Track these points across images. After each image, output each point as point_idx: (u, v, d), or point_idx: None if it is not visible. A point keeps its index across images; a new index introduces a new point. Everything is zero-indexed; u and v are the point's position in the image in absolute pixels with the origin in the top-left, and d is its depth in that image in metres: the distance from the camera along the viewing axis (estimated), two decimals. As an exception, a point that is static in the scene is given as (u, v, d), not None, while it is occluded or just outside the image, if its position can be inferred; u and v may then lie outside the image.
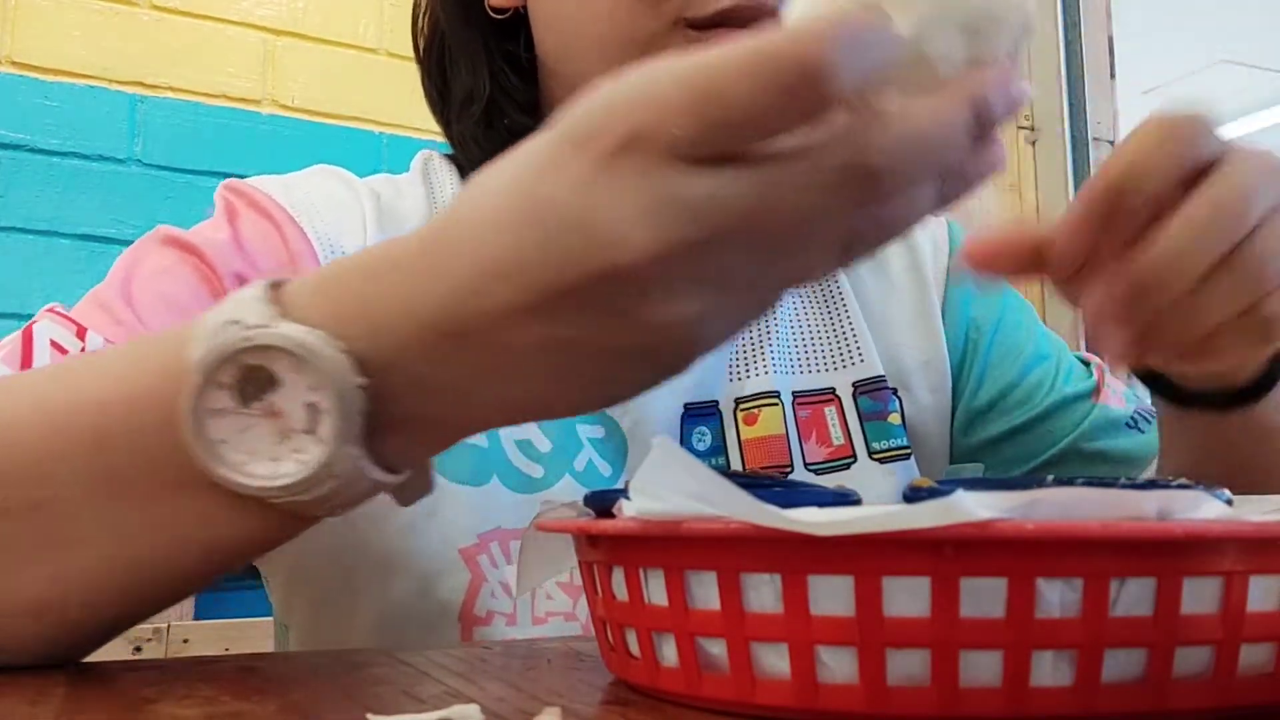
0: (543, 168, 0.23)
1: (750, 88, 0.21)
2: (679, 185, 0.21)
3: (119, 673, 0.30)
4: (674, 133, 0.21)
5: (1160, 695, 0.20)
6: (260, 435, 0.26)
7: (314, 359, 0.25)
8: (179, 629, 1.10)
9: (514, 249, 0.23)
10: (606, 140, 0.22)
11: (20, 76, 1.24)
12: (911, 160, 0.22)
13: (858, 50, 0.21)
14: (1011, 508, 0.20)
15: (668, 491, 0.22)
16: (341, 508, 0.27)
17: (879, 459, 0.50)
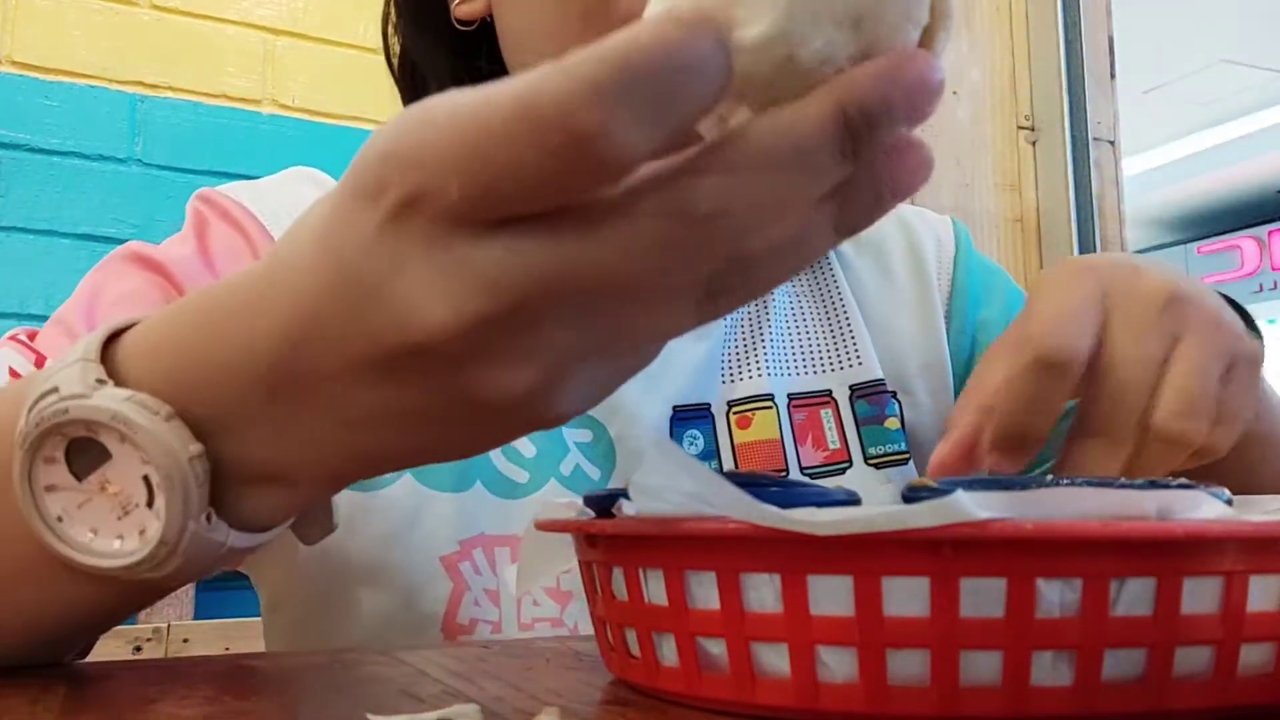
0: (336, 221, 0.20)
1: (517, 153, 0.17)
2: (468, 252, 0.19)
3: (120, 672, 0.30)
4: (452, 196, 0.18)
5: (1160, 695, 0.20)
6: (100, 510, 0.24)
7: (135, 432, 0.23)
8: (179, 629, 1.10)
9: (322, 314, 0.21)
10: (389, 198, 0.19)
11: (20, 76, 1.24)
12: (751, 196, 0.18)
13: (659, 91, 0.17)
14: (1011, 508, 0.20)
15: (667, 491, 0.22)
16: (202, 575, 0.26)
17: (875, 464, 0.49)
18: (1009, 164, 1.65)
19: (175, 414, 0.23)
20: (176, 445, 0.23)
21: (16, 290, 1.22)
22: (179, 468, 0.23)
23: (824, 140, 0.18)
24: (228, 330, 0.23)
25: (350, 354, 0.21)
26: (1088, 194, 1.60)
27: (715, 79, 0.17)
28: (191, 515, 0.24)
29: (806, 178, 0.19)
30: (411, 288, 0.19)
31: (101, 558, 0.25)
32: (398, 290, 0.20)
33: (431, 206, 0.19)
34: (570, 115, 0.17)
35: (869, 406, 0.50)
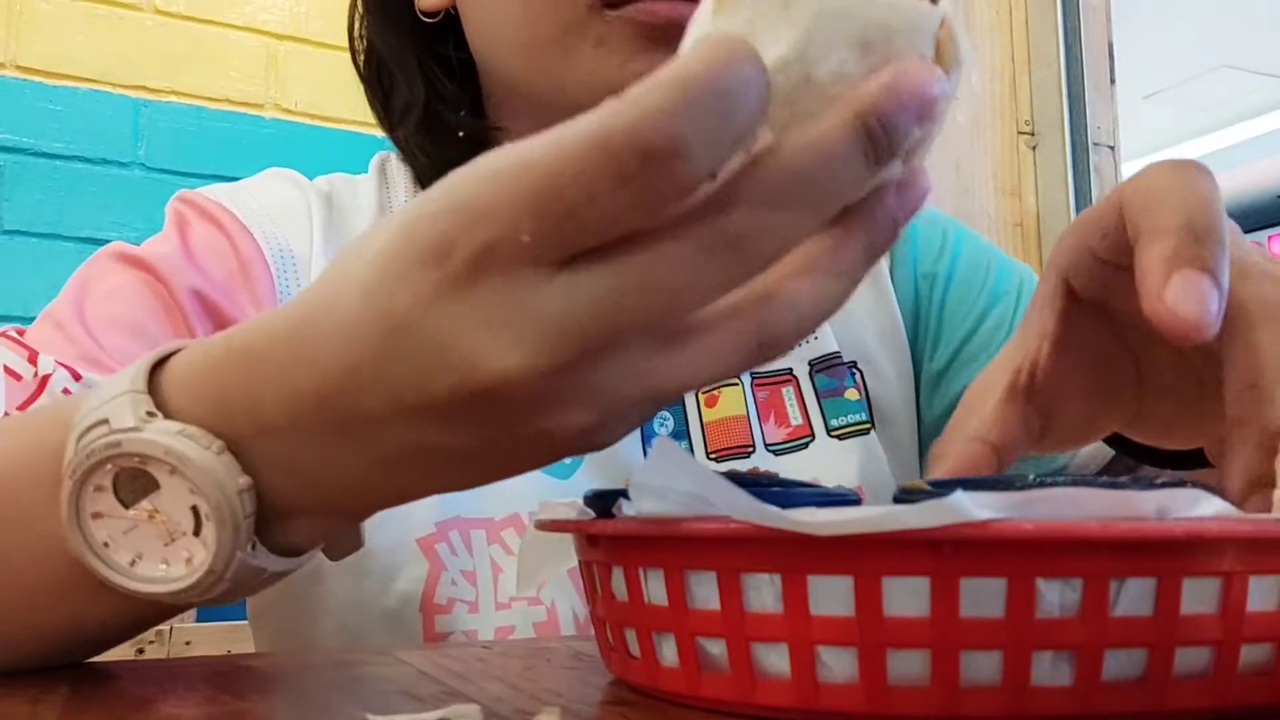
0: (395, 280, 0.21)
1: (591, 186, 0.18)
2: (537, 298, 0.19)
3: (121, 673, 0.30)
4: (523, 240, 0.19)
5: (1160, 695, 0.20)
6: (146, 536, 0.25)
7: (187, 466, 0.24)
8: (181, 631, 1.10)
9: (373, 364, 0.21)
10: (457, 259, 0.20)
11: (24, 80, 1.25)
12: (787, 207, 0.19)
13: (718, 111, 0.18)
14: (1011, 507, 0.20)
15: (667, 491, 0.22)
16: (241, 597, 0.27)
17: (837, 435, 0.50)
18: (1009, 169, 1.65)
19: (226, 449, 0.24)
20: (227, 479, 0.24)
21: (20, 293, 1.22)
22: (229, 501, 0.24)
23: (850, 148, 0.19)
24: (266, 373, 0.24)
25: (399, 398, 0.21)
26: (1088, 199, 1.60)
27: (760, 96, 0.19)
28: (240, 545, 0.24)
29: (839, 185, 0.20)
30: (479, 340, 0.20)
31: (148, 583, 0.25)
32: (461, 343, 0.20)
33: (502, 257, 0.19)
34: (645, 138, 0.18)
35: (828, 379, 0.51)
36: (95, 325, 0.41)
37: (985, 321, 0.51)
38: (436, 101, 0.50)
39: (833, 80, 0.19)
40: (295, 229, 0.48)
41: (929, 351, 0.52)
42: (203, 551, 0.25)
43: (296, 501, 0.25)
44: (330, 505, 0.26)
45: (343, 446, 0.23)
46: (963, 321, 0.52)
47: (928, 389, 0.52)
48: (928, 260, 0.53)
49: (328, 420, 0.23)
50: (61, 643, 0.29)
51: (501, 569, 0.44)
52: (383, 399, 0.22)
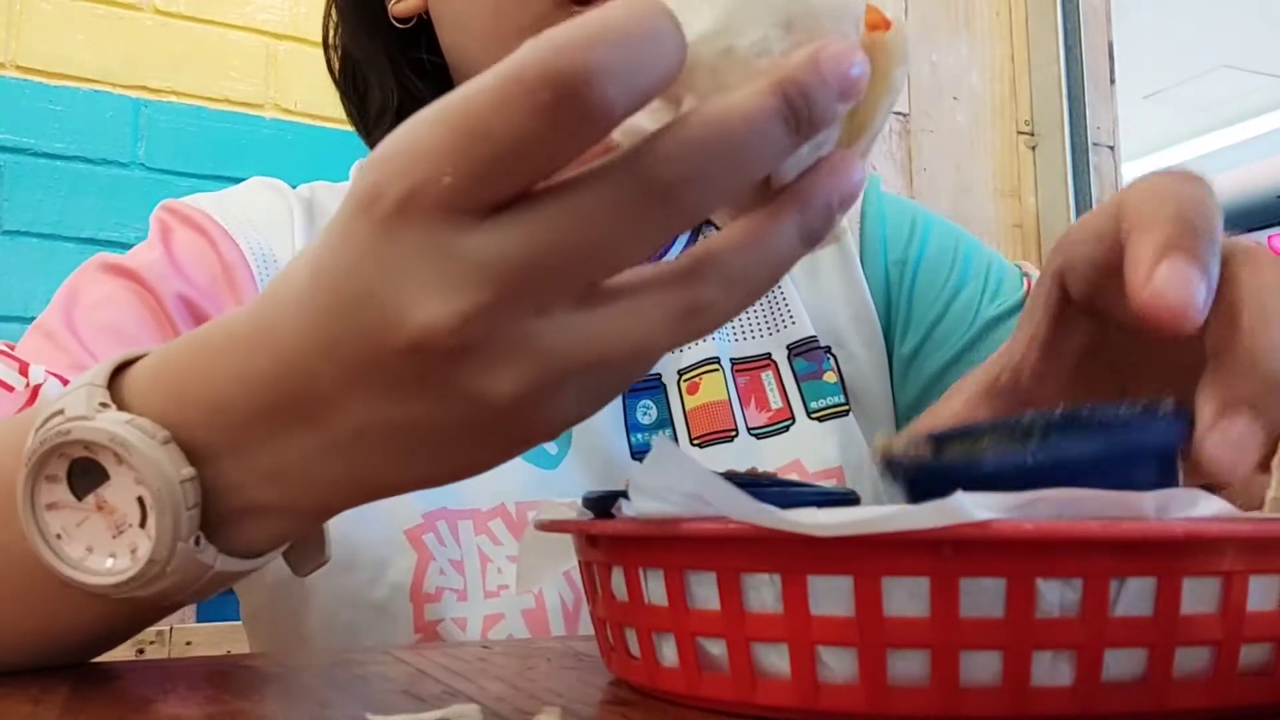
0: (336, 236, 0.21)
1: (509, 116, 0.18)
2: (461, 244, 0.19)
3: (122, 672, 0.30)
4: (445, 182, 0.19)
5: (1160, 695, 0.20)
6: (96, 529, 0.25)
7: (130, 453, 0.24)
8: (181, 631, 1.10)
9: (322, 326, 0.22)
10: (385, 203, 0.20)
11: (24, 80, 1.25)
12: (708, 164, 0.19)
13: (629, 51, 0.18)
14: (1011, 507, 0.20)
15: (667, 491, 0.22)
16: (195, 597, 0.27)
17: (817, 418, 0.50)
18: (1009, 169, 1.65)
19: (171, 439, 0.24)
20: (169, 468, 0.24)
21: (20, 294, 1.22)
22: (171, 489, 0.24)
23: (770, 113, 0.20)
24: (222, 362, 0.24)
25: (346, 363, 0.21)
26: (1088, 199, 1.60)
27: (675, 51, 0.19)
28: (181, 537, 0.24)
29: (760, 148, 0.20)
30: (405, 286, 0.20)
31: (93, 575, 0.25)
32: (391, 290, 0.20)
33: (426, 200, 0.19)
34: (556, 68, 0.18)
35: (806, 363, 0.51)
36: (85, 334, 0.42)
37: (954, 304, 0.52)
38: (410, 104, 0.51)
39: (756, 55, 0.20)
40: (277, 234, 0.49)
41: (900, 336, 0.53)
42: (146, 542, 0.25)
43: (252, 498, 0.25)
44: (286, 502, 0.25)
45: (296, 431, 0.23)
46: (931, 305, 0.52)
47: (900, 373, 0.53)
48: (897, 247, 0.54)
49: (281, 403, 0.23)
50: (45, 644, 0.30)
51: (489, 559, 0.45)
52: (332, 369, 0.22)
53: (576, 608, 0.45)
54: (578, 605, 0.45)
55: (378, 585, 0.43)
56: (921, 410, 0.52)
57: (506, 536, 0.45)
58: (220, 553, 0.26)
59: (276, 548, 0.28)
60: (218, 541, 0.25)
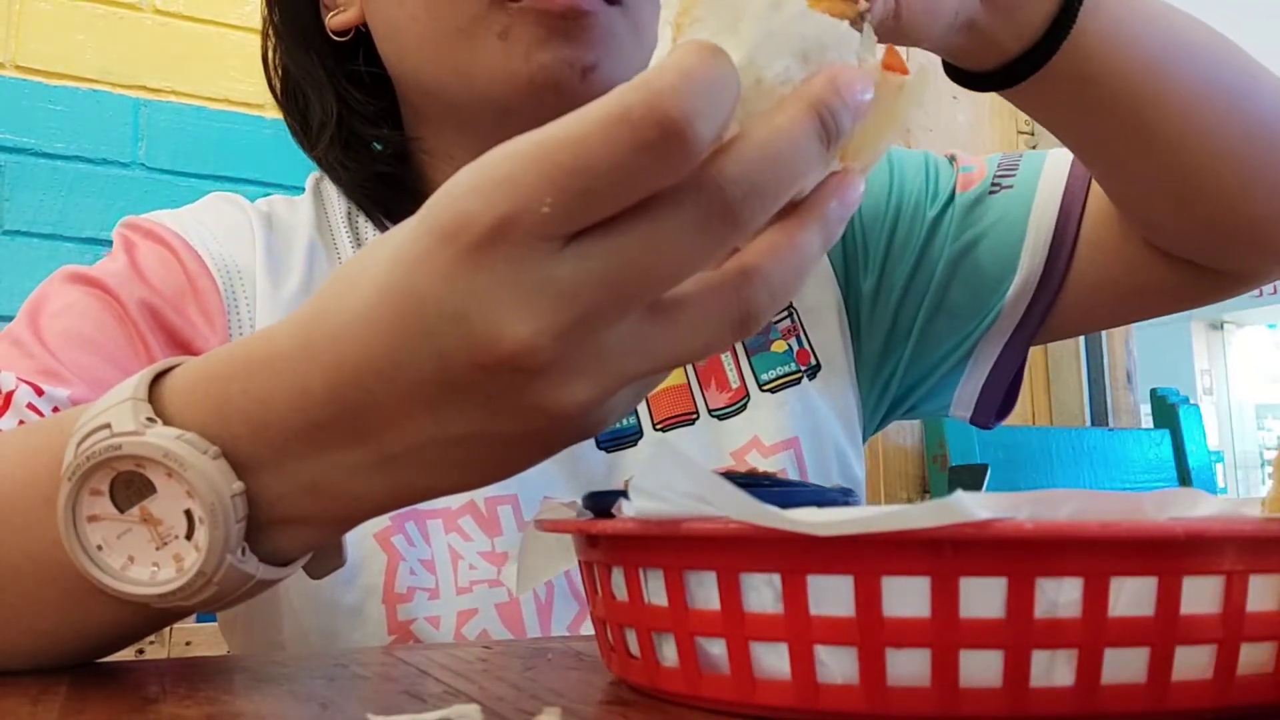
0: (412, 262, 0.22)
1: (613, 155, 0.20)
2: (551, 269, 0.21)
3: (121, 672, 0.30)
4: (544, 212, 0.21)
5: (1160, 695, 0.20)
6: (138, 540, 0.26)
7: (184, 469, 0.24)
8: (181, 631, 1.10)
9: (391, 348, 0.22)
10: (475, 230, 0.21)
11: (24, 80, 1.25)
12: (765, 180, 0.22)
13: (712, 94, 0.21)
14: (1011, 507, 0.20)
15: (667, 492, 0.22)
16: (231, 604, 0.27)
17: (769, 390, 0.50)
18: (1010, 168, 1.65)
19: (221, 454, 0.25)
20: (221, 483, 0.25)
21: (21, 294, 1.21)
22: (222, 504, 0.25)
23: (808, 131, 0.22)
24: (265, 379, 0.24)
25: (415, 381, 0.22)
26: (1089, 198, 1.60)
27: (736, 85, 0.22)
28: (230, 549, 0.25)
29: (803, 163, 0.22)
30: (497, 307, 0.21)
31: (138, 585, 0.26)
32: (483, 311, 0.21)
33: (519, 229, 0.21)
34: (664, 109, 0.20)
35: (754, 336, 0.51)
36: (51, 341, 0.42)
37: (901, 215, 0.52)
38: (350, 117, 0.51)
39: (780, 83, 0.23)
40: (239, 245, 0.49)
41: (862, 272, 0.53)
42: (194, 554, 0.25)
43: (291, 508, 0.26)
44: (324, 513, 0.26)
45: (343, 448, 0.24)
46: (882, 225, 0.52)
47: (868, 309, 0.53)
48: None
49: (329, 421, 0.24)
50: (58, 646, 0.30)
51: (461, 555, 0.45)
52: (391, 391, 0.23)
53: (550, 601, 0.45)
54: (550, 599, 0.45)
55: (350, 589, 0.44)
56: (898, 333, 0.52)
57: (477, 532, 0.45)
58: (261, 562, 0.26)
59: (308, 553, 0.28)
60: (257, 551, 0.26)
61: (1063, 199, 0.48)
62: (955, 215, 0.50)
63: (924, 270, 0.51)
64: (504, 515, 0.46)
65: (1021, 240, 0.49)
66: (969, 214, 0.50)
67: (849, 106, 0.22)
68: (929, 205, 0.51)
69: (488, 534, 0.45)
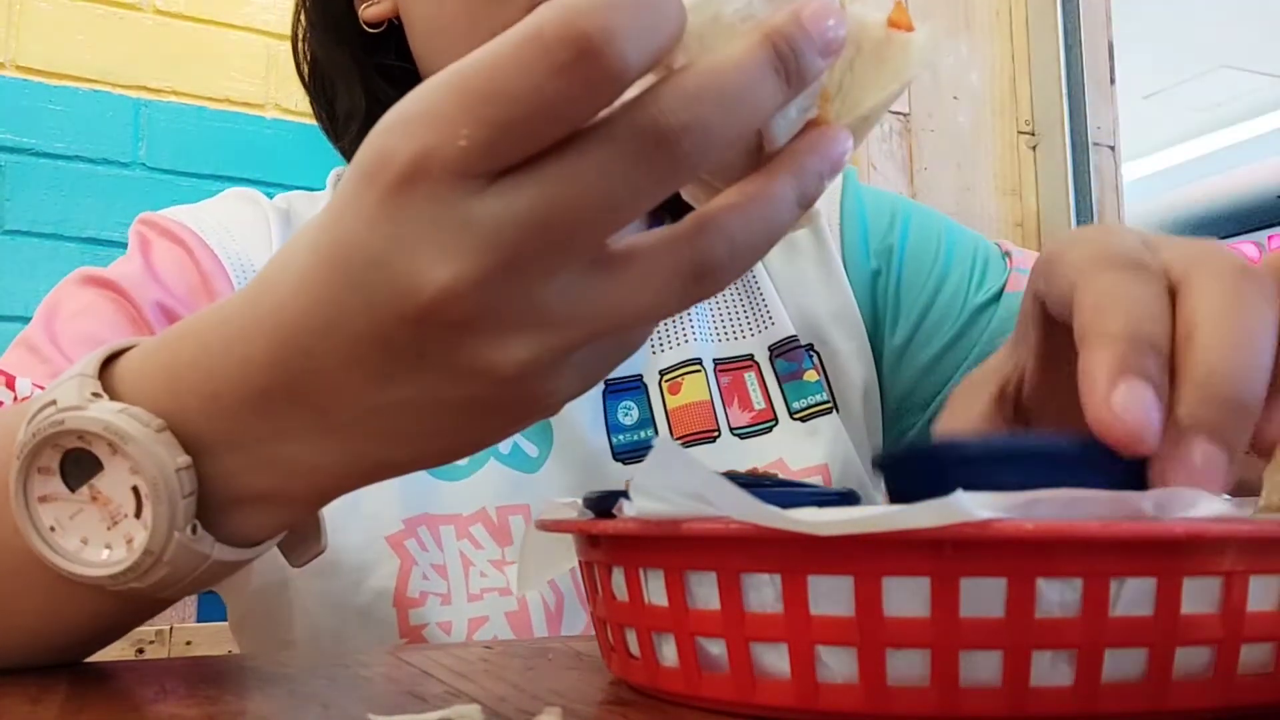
0: (340, 209, 0.21)
1: (528, 80, 0.19)
2: (473, 209, 0.20)
3: (121, 672, 0.30)
4: (460, 145, 0.19)
5: (1160, 695, 0.20)
6: (91, 520, 0.25)
7: (129, 444, 0.24)
8: (182, 631, 1.10)
9: (326, 301, 0.21)
10: (394, 168, 0.20)
11: (24, 80, 1.25)
12: (708, 113, 0.20)
13: (639, 11, 0.19)
14: (1011, 507, 0.20)
15: (668, 491, 0.22)
16: (193, 588, 0.26)
17: (799, 418, 0.50)
18: (1009, 168, 1.65)
19: (166, 427, 0.24)
20: (165, 456, 0.24)
21: (22, 294, 1.22)
22: (166, 478, 0.24)
23: (761, 63, 0.20)
24: (215, 349, 0.24)
25: (345, 342, 0.21)
26: (1088, 199, 1.60)
27: (680, 14, 0.20)
28: (177, 526, 0.24)
29: (753, 96, 0.20)
30: (414, 253, 0.20)
31: (89, 567, 0.25)
32: (404, 255, 0.20)
33: (438, 164, 0.19)
34: (577, 28, 0.18)
35: (787, 363, 0.51)
36: (67, 344, 0.42)
37: (942, 292, 0.52)
38: (378, 110, 0.51)
39: (740, 20, 0.21)
40: (255, 243, 0.49)
41: (890, 327, 0.53)
42: (142, 532, 0.24)
43: (249, 485, 0.25)
44: (283, 490, 0.25)
45: (291, 417, 0.23)
46: (920, 294, 0.52)
47: (891, 366, 0.53)
48: (877, 237, 0.54)
49: (275, 388, 0.23)
50: (45, 641, 0.29)
51: (472, 562, 0.45)
52: (329, 349, 0.22)
53: (559, 610, 0.45)
54: (560, 607, 0.45)
55: (361, 591, 0.43)
56: (915, 401, 0.53)
57: (488, 540, 0.45)
58: (217, 541, 0.25)
59: (274, 536, 0.28)
60: (214, 530, 0.25)
61: None
62: (1000, 313, 0.50)
63: (956, 353, 0.51)
64: (515, 525, 0.46)
65: None
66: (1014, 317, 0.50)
67: (814, 41, 0.20)
68: (973, 292, 0.51)
69: (499, 543, 0.45)
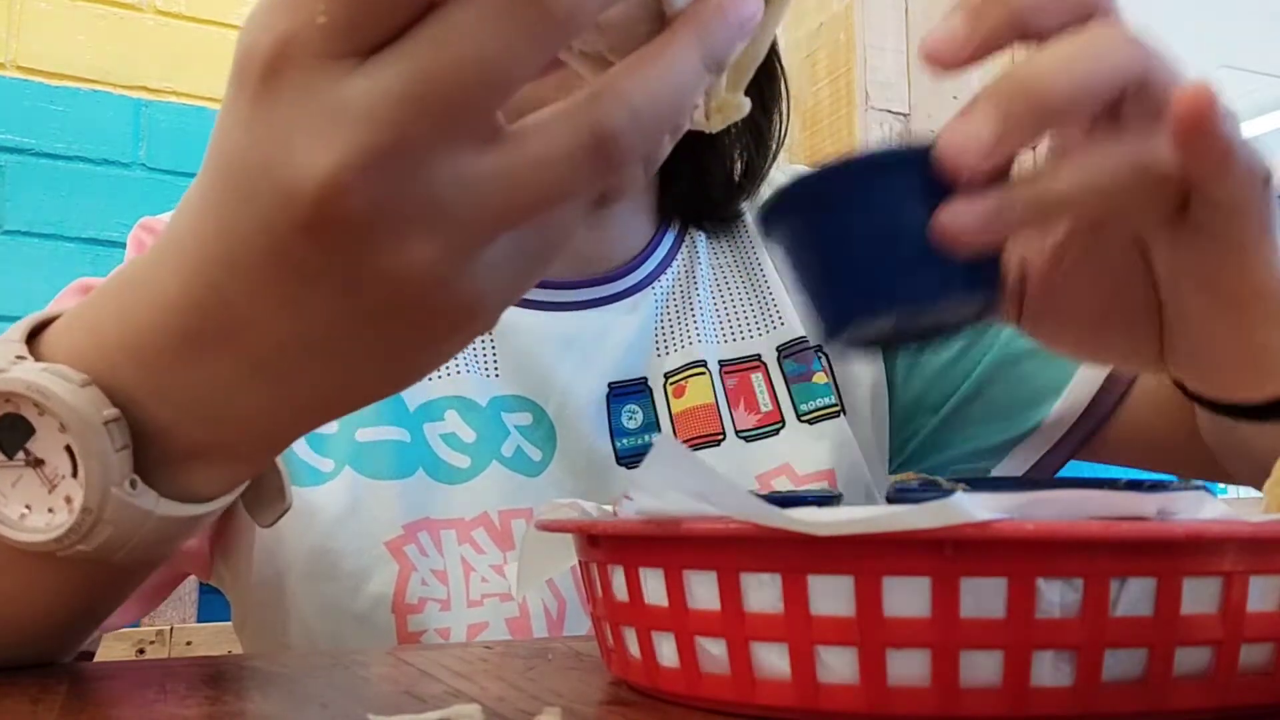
0: (220, 120, 0.20)
1: None
2: (344, 89, 0.19)
3: (121, 672, 0.30)
4: (320, 23, 0.18)
5: (1160, 695, 0.20)
6: (31, 486, 0.25)
7: (52, 400, 0.23)
8: (182, 631, 1.10)
9: (221, 228, 0.21)
10: (257, 61, 0.19)
11: (25, 81, 1.25)
12: (650, 121, 0.20)
13: None
14: (1011, 508, 0.20)
15: (668, 490, 0.22)
16: (149, 550, 0.26)
17: (807, 420, 0.50)
18: (1010, 168, 1.64)
19: (90, 381, 0.24)
20: (91, 410, 0.23)
21: (21, 294, 1.22)
22: (95, 432, 0.23)
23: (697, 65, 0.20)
24: (133, 297, 0.24)
25: (252, 263, 0.21)
26: (1089, 198, 1.60)
27: None
28: (113, 481, 0.24)
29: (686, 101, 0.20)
30: (291, 148, 0.19)
31: (34, 533, 0.25)
32: (279, 156, 0.19)
33: (301, 49, 0.19)
34: None
35: (795, 365, 0.51)
36: None
37: None
38: None
39: None
40: None
41: None
42: (79, 491, 0.24)
43: (188, 437, 0.25)
44: (224, 439, 0.25)
45: (212, 357, 0.23)
46: None
47: (903, 373, 0.53)
48: None
49: (189, 328, 0.22)
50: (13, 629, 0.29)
51: (473, 568, 0.45)
52: (236, 278, 0.21)
53: (561, 615, 0.45)
54: (561, 612, 0.45)
55: (359, 596, 0.43)
56: (925, 404, 0.52)
57: (490, 545, 0.45)
58: (162, 498, 0.25)
59: (229, 491, 0.27)
60: (161, 487, 0.25)
61: None
62: None
63: (967, 361, 0.51)
64: (517, 529, 0.45)
65: (1074, 370, 0.49)
66: None
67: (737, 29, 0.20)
68: None
69: (500, 547, 0.45)
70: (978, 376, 0.51)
